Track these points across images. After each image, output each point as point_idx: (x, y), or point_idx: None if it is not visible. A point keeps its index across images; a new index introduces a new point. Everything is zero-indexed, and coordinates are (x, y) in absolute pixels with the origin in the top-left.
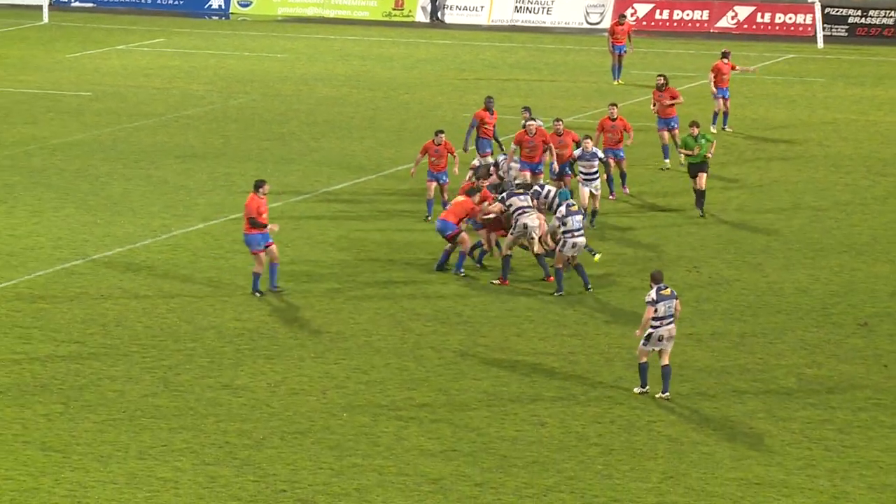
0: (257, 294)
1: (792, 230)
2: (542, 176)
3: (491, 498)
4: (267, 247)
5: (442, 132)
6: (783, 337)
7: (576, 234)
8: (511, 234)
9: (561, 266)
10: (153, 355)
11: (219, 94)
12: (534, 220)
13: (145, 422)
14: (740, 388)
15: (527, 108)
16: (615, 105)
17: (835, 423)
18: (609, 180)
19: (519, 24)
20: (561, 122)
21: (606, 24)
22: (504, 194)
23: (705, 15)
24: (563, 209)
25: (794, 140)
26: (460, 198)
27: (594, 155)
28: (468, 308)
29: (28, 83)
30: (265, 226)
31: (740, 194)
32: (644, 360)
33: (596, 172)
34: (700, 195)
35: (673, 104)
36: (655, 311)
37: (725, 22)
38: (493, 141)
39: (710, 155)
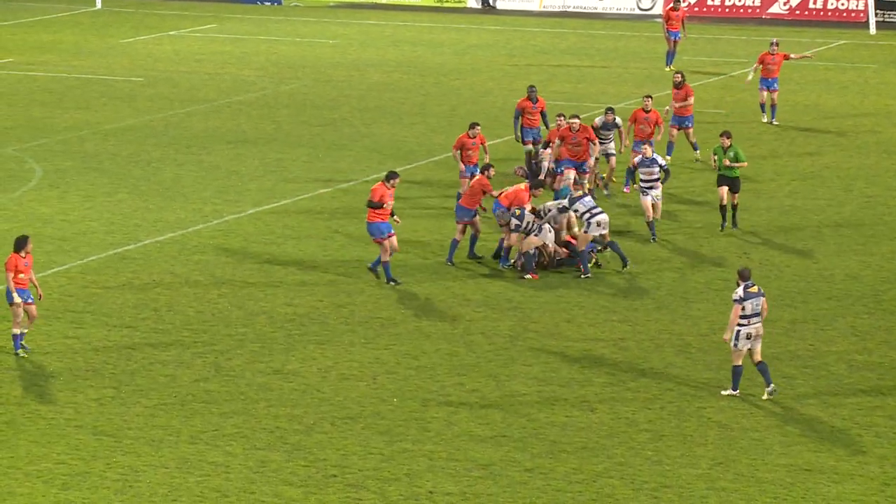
0: (392, 283)
1: (843, 216)
2: (589, 175)
3: (540, 483)
4: (389, 236)
5: (477, 125)
6: (834, 323)
7: (594, 211)
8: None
9: (584, 249)
10: (204, 340)
11: (270, 79)
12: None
13: (196, 406)
14: (791, 374)
15: (561, 115)
16: (650, 97)
17: (885, 410)
18: (630, 172)
19: (570, 9)
20: (577, 119)
21: (658, 9)
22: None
23: (757, 1)
24: (565, 202)
25: (845, 126)
26: (518, 186)
27: (654, 161)
28: (518, 294)
29: (81, 68)
30: (390, 214)
31: (791, 181)
32: (738, 362)
33: (657, 180)
34: (723, 210)
35: (687, 104)
36: (743, 308)
37: (777, 8)
38: (543, 128)
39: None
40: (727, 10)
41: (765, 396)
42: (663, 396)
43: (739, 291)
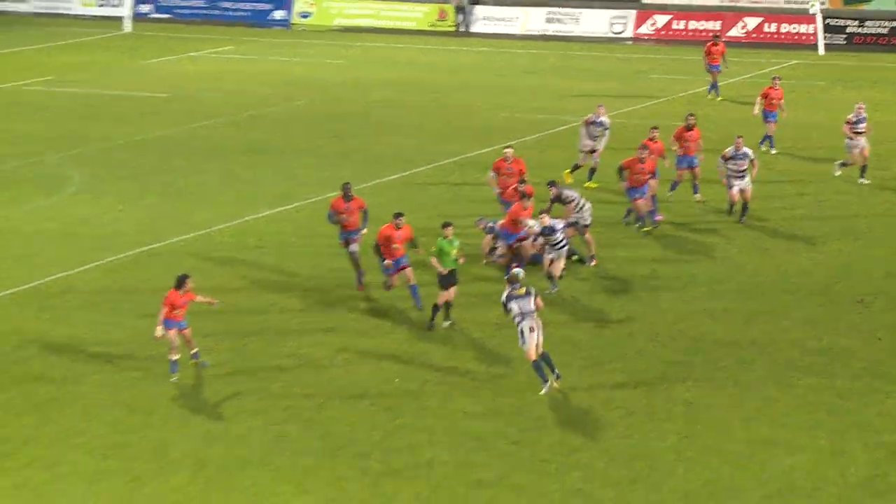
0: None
1: (796, 217)
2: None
3: (527, 454)
4: (401, 269)
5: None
6: (788, 314)
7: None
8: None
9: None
10: (226, 326)
11: (282, 96)
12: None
13: (220, 386)
14: (750, 358)
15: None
16: (693, 115)
17: (834, 390)
18: (675, 184)
19: (549, 32)
20: (510, 150)
21: (629, 33)
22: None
23: (717, 25)
24: (504, 297)
25: (797, 136)
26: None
27: (745, 155)
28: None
29: (113, 86)
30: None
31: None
32: (534, 357)
33: (745, 171)
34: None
35: (696, 143)
36: (510, 310)
37: (736, 31)
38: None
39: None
40: (691, 33)
41: (543, 391)
42: (636, 377)
43: (503, 297)
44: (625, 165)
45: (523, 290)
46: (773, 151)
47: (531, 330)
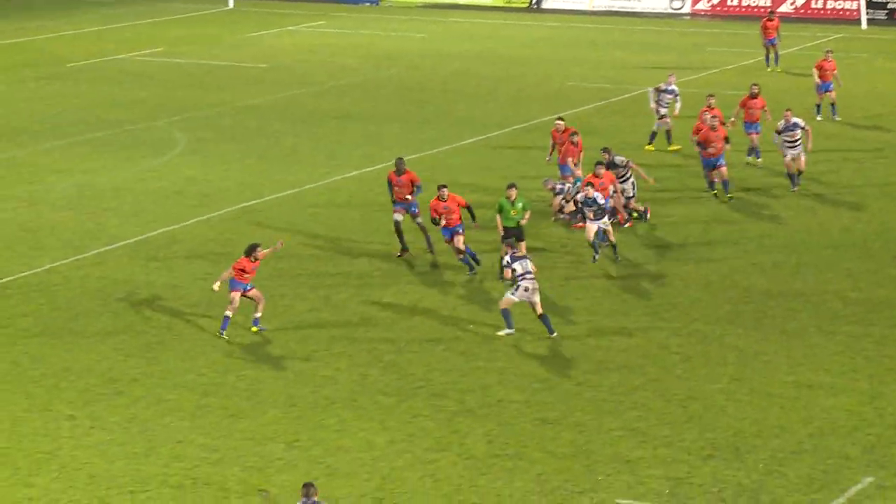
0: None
1: (840, 179)
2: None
3: (589, 394)
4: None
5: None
6: (831, 267)
7: (526, 277)
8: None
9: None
10: (316, 278)
11: (370, 66)
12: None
13: (309, 331)
14: (795, 308)
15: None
16: (757, 84)
17: (873, 337)
18: (753, 150)
19: (615, 8)
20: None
21: (687, 9)
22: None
23: (769, 1)
24: (508, 258)
25: (841, 105)
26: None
27: (796, 125)
28: (572, 240)
29: (218, 57)
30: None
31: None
32: (507, 307)
33: (798, 141)
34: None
35: (762, 110)
36: (514, 270)
37: (786, 7)
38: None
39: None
40: (744, 9)
41: (502, 332)
42: (691, 325)
43: (507, 258)
44: (701, 139)
45: (521, 252)
46: (837, 118)
47: (526, 290)
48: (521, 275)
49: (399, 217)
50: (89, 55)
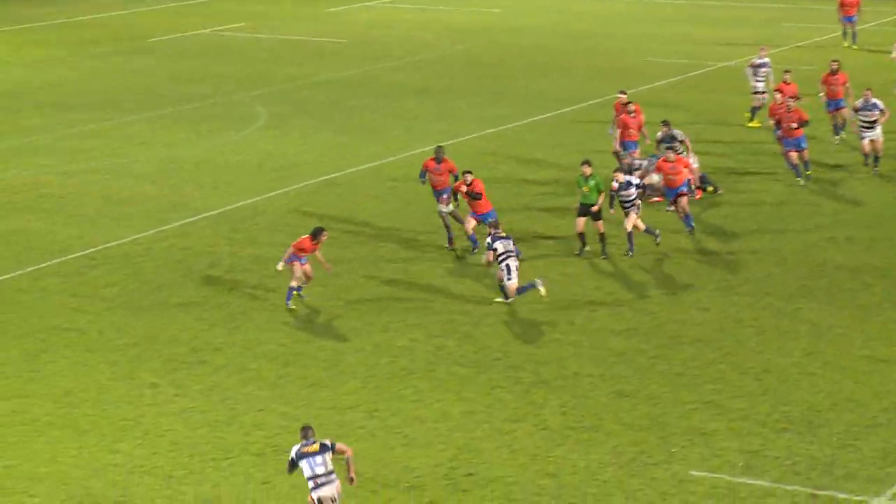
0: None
1: None
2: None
3: (663, 367)
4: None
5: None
6: None
7: (509, 255)
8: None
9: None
10: (394, 250)
11: (446, 41)
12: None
13: (387, 303)
14: (869, 282)
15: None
16: (836, 60)
17: None
18: (837, 126)
19: None
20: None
21: None
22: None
23: None
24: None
25: None
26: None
27: (875, 105)
28: (647, 220)
29: (296, 32)
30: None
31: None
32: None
33: (875, 122)
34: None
35: (843, 87)
36: (495, 248)
37: None
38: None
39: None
40: None
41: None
42: (764, 300)
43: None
44: (777, 119)
45: (504, 233)
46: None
47: (515, 268)
48: (504, 253)
49: (442, 208)
50: (172, 30)
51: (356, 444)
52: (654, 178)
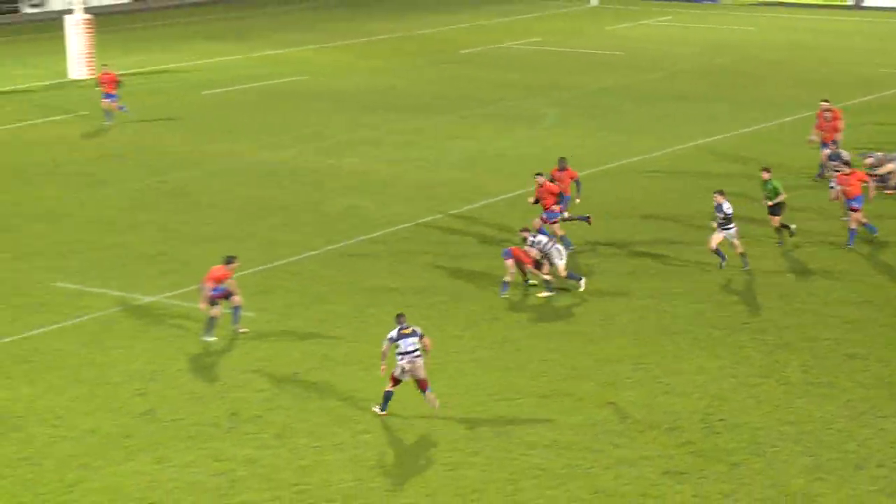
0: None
1: None
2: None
3: (893, 335)
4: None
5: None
6: None
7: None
8: None
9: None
10: (660, 230)
11: (706, 55)
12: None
13: (652, 272)
14: None
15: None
16: None
17: None
18: None
19: None
20: None
21: None
22: None
23: None
24: (394, 333)
25: None
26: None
27: None
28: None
29: (582, 46)
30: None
31: None
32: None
33: None
34: None
35: None
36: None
37: None
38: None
39: None
40: None
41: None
42: None
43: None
44: None
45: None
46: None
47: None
48: (550, 242)
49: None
50: (479, 43)
51: (624, 392)
52: (890, 167)
